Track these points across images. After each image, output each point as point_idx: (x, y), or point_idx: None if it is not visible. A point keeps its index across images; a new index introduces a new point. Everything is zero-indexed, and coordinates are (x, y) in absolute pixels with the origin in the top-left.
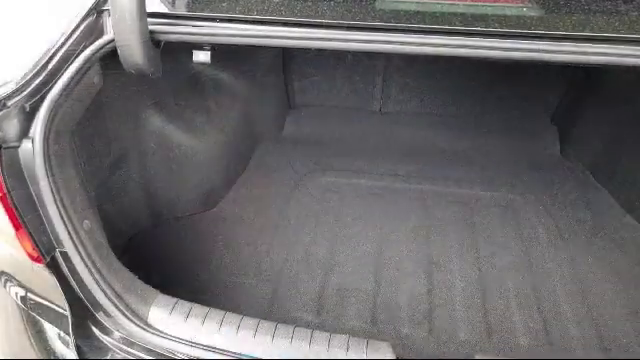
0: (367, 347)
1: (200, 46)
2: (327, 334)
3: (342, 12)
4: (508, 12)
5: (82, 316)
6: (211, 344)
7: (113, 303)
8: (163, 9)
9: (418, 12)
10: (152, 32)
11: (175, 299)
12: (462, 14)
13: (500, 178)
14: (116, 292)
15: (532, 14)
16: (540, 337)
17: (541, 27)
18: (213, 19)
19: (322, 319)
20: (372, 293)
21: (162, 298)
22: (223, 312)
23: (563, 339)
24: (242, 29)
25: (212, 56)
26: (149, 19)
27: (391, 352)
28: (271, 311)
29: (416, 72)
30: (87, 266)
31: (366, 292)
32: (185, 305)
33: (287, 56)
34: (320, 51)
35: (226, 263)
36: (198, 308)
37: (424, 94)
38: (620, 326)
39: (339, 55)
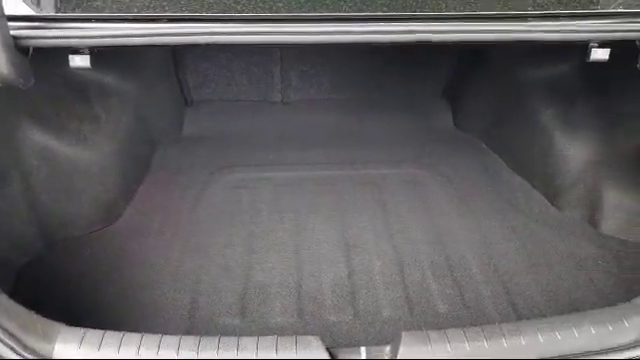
0: (296, 344)
1: (77, 50)
2: (254, 338)
3: (230, 4)
4: None
5: None
6: None
7: (8, 346)
8: (27, 11)
9: (308, 0)
10: (16, 38)
11: (83, 329)
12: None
13: (403, 155)
14: (10, 333)
15: None
16: (456, 302)
17: (426, 9)
18: (88, 19)
19: (248, 321)
20: (295, 286)
21: (67, 331)
22: (139, 335)
23: (477, 300)
24: (122, 29)
25: (92, 59)
26: (11, 23)
27: (320, 345)
28: (193, 323)
29: (313, 59)
30: None
31: (289, 286)
32: (95, 334)
33: (178, 52)
34: (211, 44)
35: (136, 279)
36: (111, 335)
37: (323, 80)
38: (523, 280)
39: (233, 47)
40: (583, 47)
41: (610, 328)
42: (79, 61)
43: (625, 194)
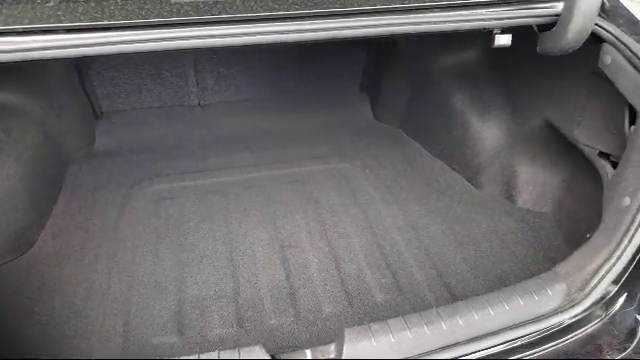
0: (239, 355)
1: None
2: (195, 356)
3: (134, 10)
4: None
5: None
6: None
7: None
8: None
9: (217, 2)
10: None
11: None
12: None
13: (327, 150)
14: None
15: None
16: (393, 290)
17: (337, 5)
18: None
19: (186, 337)
20: (232, 294)
21: None
22: None
23: (412, 285)
24: (11, 43)
25: None
26: None
27: (264, 352)
28: (127, 347)
29: (228, 60)
30: None
31: (226, 295)
32: None
33: (81, 62)
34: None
35: (60, 309)
36: None
37: (240, 81)
38: (452, 260)
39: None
40: (488, 34)
41: (536, 298)
42: None
43: (536, 168)
